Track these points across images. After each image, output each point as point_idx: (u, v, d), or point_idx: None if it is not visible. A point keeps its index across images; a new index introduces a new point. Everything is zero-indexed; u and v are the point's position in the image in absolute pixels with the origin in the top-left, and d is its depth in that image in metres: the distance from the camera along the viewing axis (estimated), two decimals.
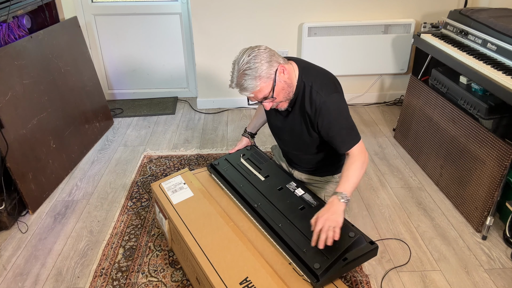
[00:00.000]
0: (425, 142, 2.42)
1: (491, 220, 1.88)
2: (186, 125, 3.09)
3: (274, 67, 1.45)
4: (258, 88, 1.44)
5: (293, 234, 1.44)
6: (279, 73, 1.46)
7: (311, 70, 1.58)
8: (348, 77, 3.23)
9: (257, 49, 1.45)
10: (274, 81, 1.45)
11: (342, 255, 1.34)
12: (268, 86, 1.45)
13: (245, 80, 1.43)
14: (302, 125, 1.61)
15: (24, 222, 2.07)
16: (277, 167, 1.81)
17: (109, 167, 2.54)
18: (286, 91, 1.51)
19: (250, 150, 1.92)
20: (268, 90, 1.46)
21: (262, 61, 1.42)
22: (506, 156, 1.78)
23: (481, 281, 1.68)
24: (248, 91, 1.45)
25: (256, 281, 1.31)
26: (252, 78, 1.42)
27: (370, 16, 3.03)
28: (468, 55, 2.11)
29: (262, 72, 1.42)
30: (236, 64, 1.46)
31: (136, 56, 3.36)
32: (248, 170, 1.80)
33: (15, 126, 2.06)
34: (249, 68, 1.41)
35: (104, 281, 1.69)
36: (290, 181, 1.69)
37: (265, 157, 1.87)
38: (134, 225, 2.01)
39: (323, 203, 1.56)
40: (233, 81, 1.47)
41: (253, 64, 1.41)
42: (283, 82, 1.48)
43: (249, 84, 1.43)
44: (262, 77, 1.42)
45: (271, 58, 1.44)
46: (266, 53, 1.44)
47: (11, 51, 2.12)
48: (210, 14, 2.98)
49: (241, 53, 1.47)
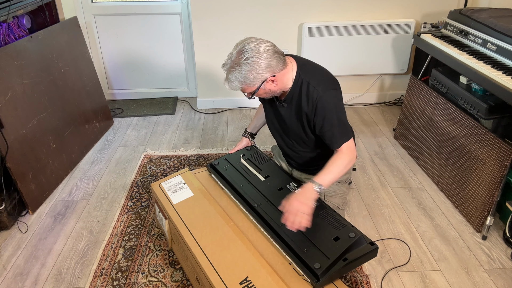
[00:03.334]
0: (425, 142, 2.42)
1: (491, 220, 1.88)
2: (186, 125, 3.09)
3: (264, 77, 1.45)
4: (238, 89, 1.51)
5: (293, 234, 1.44)
6: (267, 83, 1.48)
7: (310, 67, 1.59)
8: (348, 77, 3.23)
9: (258, 53, 1.41)
10: (257, 88, 1.48)
11: (342, 255, 1.34)
12: (250, 89, 1.49)
13: (231, 74, 1.46)
14: (298, 122, 1.62)
15: (24, 222, 2.07)
16: (277, 167, 1.81)
17: (109, 167, 2.54)
18: (273, 91, 1.54)
19: (250, 151, 1.92)
20: (249, 91, 1.51)
21: (255, 69, 1.42)
22: (506, 156, 1.78)
23: (481, 281, 1.68)
24: (229, 86, 1.49)
25: (256, 281, 1.31)
26: (238, 80, 1.45)
27: (370, 16, 3.03)
28: (468, 55, 2.11)
29: (248, 79, 1.45)
30: (236, 52, 1.45)
31: (136, 56, 3.36)
32: (248, 170, 1.79)
33: (15, 126, 2.06)
34: (240, 69, 1.43)
35: (104, 281, 1.69)
36: (290, 181, 1.69)
37: (265, 157, 1.87)
38: (134, 225, 2.01)
39: (323, 203, 1.56)
40: (226, 65, 1.48)
41: (247, 66, 1.41)
42: (268, 89, 1.51)
43: (232, 81, 1.47)
44: (246, 83, 1.46)
45: (266, 68, 1.43)
46: (266, 59, 1.42)
47: (11, 51, 2.12)
48: (210, 14, 2.98)
49: (247, 42, 1.44)
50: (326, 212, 1.52)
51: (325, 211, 1.53)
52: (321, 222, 1.48)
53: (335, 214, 1.51)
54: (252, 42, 1.44)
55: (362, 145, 2.73)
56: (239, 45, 1.45)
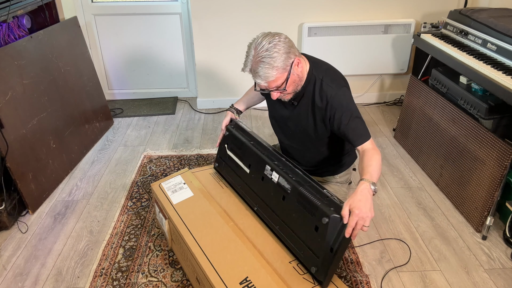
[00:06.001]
0: (425, 142, 2.42)
1: (491, 220, 1.88)
2: (186, 125, 3.09)
3: (291, 59, 1.43)
4: (273, 78, 1.42)
5: (288, 234, 1.42)
6: (295, 66, 1.45)
7: (322, 65, 1.59)
8: (348, 77, 3.18)
9: (277, 37, 1.41)
10: (289, 73, 1.44)
11: (326, 246, 1.27)
12: (282, 77, 1.43)
13: (261, 68, 1.40)
14: (310, 119, 1.60)
15: (24, 222, 2.07)
16: (252, 148, 1.67)
17: (109, 167, 2.54)
18: (296, 84, 1.50)
19: (231, 132, 1.80)
20: (282, 80, 1.44)
21: (281, 51, 1.39)
22: (506, 156, 1.78)
23: (481, 281, 1.68)
24: (262, 79, 1.42)
25: (256, 281, 1.31)
26: (269, 67, 1.39)
27: (370, 16, 3.03)
28: (468, 55, 2.11)
29: (280, 63, 1.40)
30: (253, 48, 1.42)
31: (136, 56, 3.36)
32: (237, 164, 1.74)
33: (15, 126, 2.06)
34: (268, 56, 1.38)
35: (104, 281, 1.69)
36: (265, 164, 1.59)
37: (240, 138, 1.74)
38: (134, 225, 2.01)
39: (296, 187, 1.43)
40: (247, 66, 1.44)
41: (272, 52, 1.38)
42: (296, 75, 1.48)
43: (265, 72, 1.40)
44: (279, 67, 1.40)
45: (289, 49, 1.43)
46: (286, 43, 1.42)
47: (11, 51, 2.12)
48: (210, 14, 2.98)
49: (260, 37, 1.43)
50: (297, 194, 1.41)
51: (293, 192, 1.42)
52: (298, 211, 1.39)
53: (305, 193, 1.39)
54: (261, 36, 1.42)
55: None
56: (252, 45, 1.43)
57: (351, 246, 1.86)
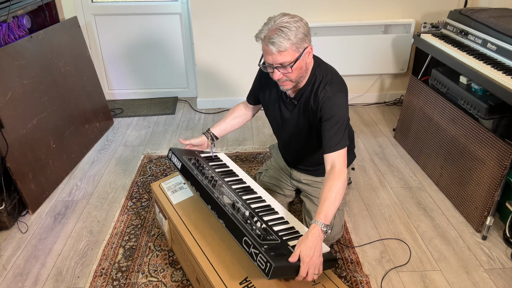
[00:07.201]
0: (425, 142, 2.42)
1: (491, 220, 1.88)
2: (186, 125, 3.09)
3: (306, 43, 1.42)
4: (285, 49, 1.38)
5: None
6: (307, 52, 1.44)
7: (324, 66, 1.59)
8: (348, 77, 3.22)
9: (299, 18, 1.42)
10: (300, 55, 1.42)
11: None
12: (293, 55, 1.40)
13: (277, 35, 1.37)
14: (305, 119, 1.61)
15: (24, 222, 2.07)
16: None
17: (109, 167, 2.54)
18: (301, 72, 1.48)
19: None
20: (291, 59, 1.40)
21: (300, 29, 1.39)
22: (506, 156, 1.78)
23: (481, 281, 1.68)
24: (275, 47, 1.38)
25: (256, 281, 1.31)
26: (285, 37, 1.37)
27: (370, 16, 3.03)
28: (468, 55, 2.11)
29: (296, 39, 1.38)
30: (273, 20, 1.41)
31: (136, 56, 3.36)
32: None
33: (15, 126, 2.06)
34: (287, 28, 1.37)
35: (104, 281, 1.69)
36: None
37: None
38: (134, 225, 2.01)
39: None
40: (262, 33, 1.41)
41: (292, 26, 1.38)
42: (304, 62, 1.46)
43: (279, 40, 1.37)
44: (293, 43, 1.38)
45: (307, 34, 1.43)
46: (306, 26, 1.42)
47: (11, 51, 2.12)
48: (210, 14, 2.98)
49: (280, 14, 1.43)
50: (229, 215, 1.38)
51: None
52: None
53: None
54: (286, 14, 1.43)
55: (362, 145, 2.73)
56: (273, 18, 1.42)
57: (351, 246, 1.86)
